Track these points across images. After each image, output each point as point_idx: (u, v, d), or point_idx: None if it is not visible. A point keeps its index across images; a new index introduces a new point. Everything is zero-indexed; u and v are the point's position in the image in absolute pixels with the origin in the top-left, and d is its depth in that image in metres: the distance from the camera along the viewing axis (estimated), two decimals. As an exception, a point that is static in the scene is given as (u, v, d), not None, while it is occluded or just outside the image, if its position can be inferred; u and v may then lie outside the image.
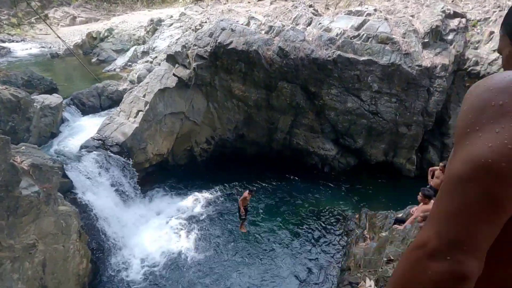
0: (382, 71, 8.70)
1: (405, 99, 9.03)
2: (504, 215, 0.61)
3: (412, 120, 9.27)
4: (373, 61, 8.60)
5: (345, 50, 8.76)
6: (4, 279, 4.16)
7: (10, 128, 6.65)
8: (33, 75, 9.94)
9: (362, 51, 8.71)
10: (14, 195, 4.35)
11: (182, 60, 9.43)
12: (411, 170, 10.16)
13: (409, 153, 9.96)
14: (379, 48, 8.64)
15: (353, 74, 8.79)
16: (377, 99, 9.13)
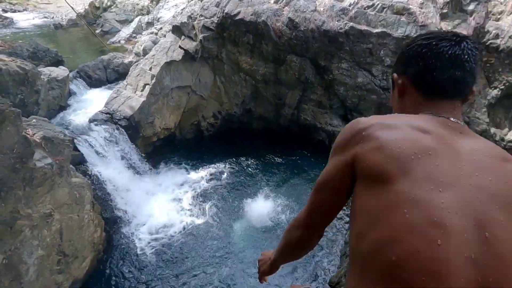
0: (396, 44, 8.33)
1: (418, 74, 8.73)
2: (330, 213, 0.98)
3: (424, 96, 9.03)
4: (387, 34, 8.21)
5: (358, 21, 8.35)
6: (25, 245, 4.39)
7: (19, 101, 6.68)
8: (38, 47, 9.79)
9: (376, 23, 8.30)
10: (28, 167, 4.47)
11: (188, 32, 9.15)
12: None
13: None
14: (394, 19, 8.22)
15: (365, 47, 8.45)
16: (388, 74, 8.84)
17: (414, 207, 0.67)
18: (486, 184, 0.70)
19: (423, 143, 0.75)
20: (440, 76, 0.85)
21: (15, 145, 4.33)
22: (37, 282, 4.73)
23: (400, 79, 0.96)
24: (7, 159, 4.19)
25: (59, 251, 5.20)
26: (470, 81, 0.87)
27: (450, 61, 0.84)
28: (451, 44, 0.85)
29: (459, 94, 0.87)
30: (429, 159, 0.72)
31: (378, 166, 0.75)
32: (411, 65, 0.92)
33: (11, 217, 4.18)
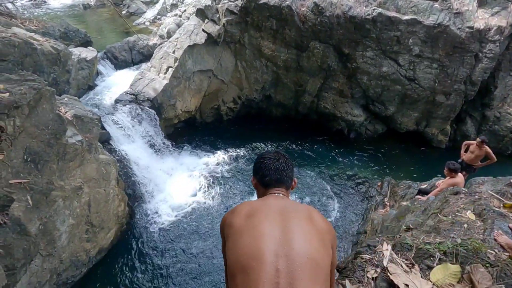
0: (426, 33, 7.96)
1: (448, 65, 8.33)
2: None
3: (452, 88, 8.64)
4: (417, 21, 7.84)
5: (387, 7, 8.01)
6: (58, 213, 4.81)
7: (52, 79, 7.06)
8: (69, 27, 10.16)
9: (406, 9, 7.93)
10: (62, 143, 4.81)
11: (212, 15, 9.15)
12: (443, 142, 9.76)
13: (444, 124, 9.47)
14: (426, 5, 7.80)
15: (392, 35, 8.13)
16: (416, 64, 8.50)
17: (245, 229, 1.29)
18: (289, 211, 1.36)
19: (250, 205, 1.42)
20: (270, 177, 1.56)
21: (50, 122, 4.66)
22: (68, 247, 5.20)
23: (254, 180, 1.64)
24: (43, 134, 4.53)
25: (87, 221, 5.64)
26: (286, 180, 1.57)
27: (274, 170, 1.56)
28: (274, 161, 1.58)
29: (281, 184, 1.56)
30: (253, 210, 1.38)
31: (227, 235, 1.39)
32: (256, 173, 1.62)
33: (46, 188, 4.57)
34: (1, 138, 3.73)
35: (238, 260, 1.21)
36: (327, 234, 1.34)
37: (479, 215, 2.56)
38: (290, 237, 1.22)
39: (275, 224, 1.27)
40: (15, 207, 3.80)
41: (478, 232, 2.28)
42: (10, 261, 3.40)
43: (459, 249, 1.71)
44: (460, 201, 3.09)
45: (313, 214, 1.38)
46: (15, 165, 4.02)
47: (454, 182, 4.41)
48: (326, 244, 1.29)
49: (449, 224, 2.58)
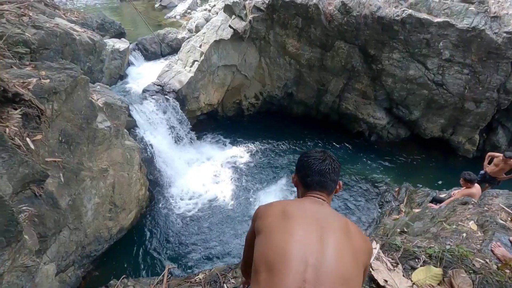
0: (459, 36, 7.62)
1: (480, 71, 7.94)
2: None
3: (483, 96, 8.23)
4: (450, 24, 7.53)
5: (418, 8, 7.75)
6: (86, 192, 5.27)
7: (87, 68, 7.59)
8: (105, 19, 10.78)
9: (438, 11, 7.63)
10: (92, 127, 5.25)
11: (239, 11, 9.33)
12: (470, 151, 9.34)
13: (472, 132, 9.05)
14: (461, 8, 7.46)
15: (422, 37, 7.87)
16: (445, 69, 8.18)
17: (278, 229, 1.26)
18: (327, 220, 1.30)
19: (287, 205, 1.37)
20: (312, 179, 1.47)
21: (83, 108, 5.10)
22: (93, 223, 5.68)
23: (295, 178, 1.57)
24: (76, 119, 4.97)
25: (111, 202, 6.11)
26: (330, 184, 1.47)
27: (317, 172, 1.46)
28: (318, 162, 1.47)
29: (323, 189, 1.47)
30: (289, 211, 1.32)
31: (258, 227, 1.38)
32: (298, 172, 1.55)
33: (77, 168, 5.02)
34: (41, 120, 4.16)
35: (265, 259, 1.18)
36: (362, 254, 1.27)
37: (481, 226, 2.56)
38: (323, 249, 1.16)
39: (309, 231, 1.22)
40: (49, 182, 4.24)
41: (476, 242, 2.31)
42: (42, 229, 3.84)
43: (445, 254, 1.78)
44: (467, 211, 3.07)
45: (350, 228, 1.31)
46: (51, 145, 4.47)
47: (470, 193, 4.30)
48: (359, 266, 1.21)
49: (450, 232, 2.61)
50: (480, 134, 9.16)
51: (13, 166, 3.32)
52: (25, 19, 5.87)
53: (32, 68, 4.63)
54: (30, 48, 5.28)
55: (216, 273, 2.17)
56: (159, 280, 2.28)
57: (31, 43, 5.31)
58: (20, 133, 3.83)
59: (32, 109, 4.02)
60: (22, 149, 3.68)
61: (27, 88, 4.12)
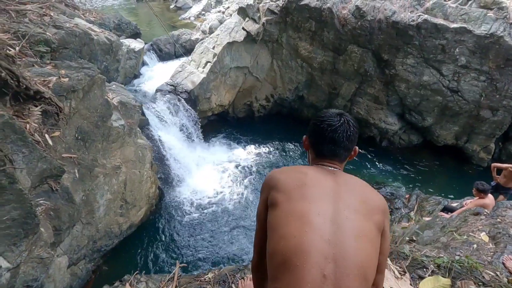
0: (476, 43, 7.47)
1: (497, 78, 7.75)
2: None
3: (500, 104, 8.03)
4: (467, 30, 7.39)
5: (434, 14, 7.64)
6: (99, 188, 5.41)
7: (104, 67, 7.81)
8: (122, 20, 11.06)
9: (455, 17, 7.50)
10: (107, 125, 5.39)
11: (252, 14, 9.40)
12: (485, 160, 9.11)
13: (487, 141, 8.84)
14: (479, 14, 7.32)
15: (437, 43, 7.75)
16: (461, 75, 8.02)
17: (293, 214, 1.16)
18: (341, 197, 1.20)
19: (301, 180, 1.25)
20: (322, 148, 1.36)
21: (99, 106, 5.25)
22: (104, 219, 5.82)
23: (306, 140, 1.46)
24: (92, 117, 5.12)
25: (122, 198, 6.25)
26: (342, 153, 1.35)
27: (329, 140, 1.33)
28: (332, 129, 1.31)
29: (335, 158, 1.36)
30: (304, 188, 1.22)
31: (274, 198, 1.26)
32: (310, 136, 1.42)
33: (91, 164, 5.17)
34: (59, 117, 4.32)
35: (281, 251, 1.10)
36: (381, 214, 1.22)
37: (493, 237, 2.52)
38: (341, 235, 1.09)
39: (327, 215, 1.13)
40: (65, 177, 4.39)
41: (487, 254, 2.28)
42: (57, 223, 3.97)
43: (454, 265, 1.77)
44: (479, 222, 3.02)
45: (367, 197, 1.25)
46: (68, 142, 4.62)
47: (483, 203, 4.22)
48: (375, 245, 1.16)
49: (460, 242, 2.58)
50: (496, 143, 8.93)
51: (33, 161, 3.46)
52: (46, 19, 6.08)
53: (52, 67, 4.80)
54: (51, 47, 5.46)
55: (225, 273, 2.21)
56: (170, 277, 2.34)
57: (52, 43, 5.50)
58: (40, 129, 3.98)
59: (52, 107, 4.17)
60: (41, 145, 3.82)
61: (47, 86, 4.28)
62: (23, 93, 3.78)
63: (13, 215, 2.85)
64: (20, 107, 3.84)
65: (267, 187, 1.33)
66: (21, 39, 4.81)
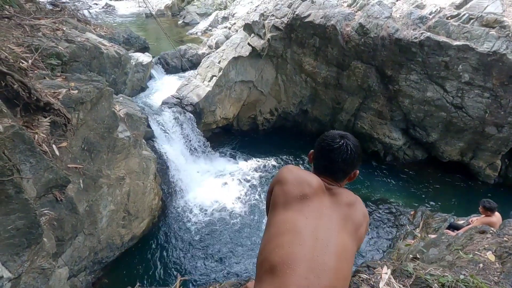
0: (479, 60, 7.54)
1: (502, 95, 7.76)
2: None
3: (505, 120, 8.00)
4: (470, 47, 7.47)
5: (437, 31, 7.76)
6: (103, 198, 5.44)
7: (112, 80, 7.99)
8: (131, 34, 11.40)
9: (457, 35, 7.61)
10: (113, 137, 5.48)
11: (258, 30, 9.64)
12: (491, 177, 8.99)
13: (494, 157, 8.75)
14: (481, 32, 7.42)
15: (440, 60, 7.83)
16: (464, 92, 8.05)
17: (289, 225, 1.27)
18: (333, 216, 1.31)
19: (304, 192, 1.34)
20: (320, 164, 1.46)
21: (106, 118, 5.35)
22: (107, 230, 5.82)
23: (312, 154, 1.52)
24: (99, 128, 5.21)
25: (125, 209, 6.26)
26: (337, 173, 1.42)
27: (325, 158, 1.42)
28: (329, 149, 1.39)
29: (330, 176, 1.43)
30: (304, 201, 1.32)
31: (276, 195, 1.41)
32: (315, 150, 1.50)
33: (96, 175, 5.22)
34: (67, 128, 4.40)
35: (274, 258, 1.20)
36: (364, 226, 1.35)
37: (500, 257, 2.47)
38: (327, 254, 1.19)
39: (319, 229, 1.25)
40: (69, 188, 4.42)
41: (493, 274, 2.23)
42: (60, 233, 3.98)
43: (459, 284, 1.74)
44: (485, 240, 2.97)
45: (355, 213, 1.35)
46: (74, 152, 4.69)
47: (489, 222, 4.15)
48: (353, 256, 1.29)
49: (466, 261, 2.53)
50: (502, 160, 8.83)
51: (39, 171, 3.51)
52: (59, 33, 6.31)
53: (62, 79, 4.94)
54: (62, 60, 5.64)
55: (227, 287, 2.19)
56: (170, 290, 2.31)
57: (63, 56, 5.68)
58: (48, 139, 4.06)
59: (60, 118, 4.26)
60: (48, 155, 3.89)
61: (57, 98, 4.39)
62: (34, 104, 3.88)
63: (17, 225, 2.87)
64: (29, 118, 3.93)
65: (275, 180, 1.47)
66: (34, 52, 4.99)
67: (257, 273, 1.28)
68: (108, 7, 18.88)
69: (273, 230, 1.30)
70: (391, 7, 8.47)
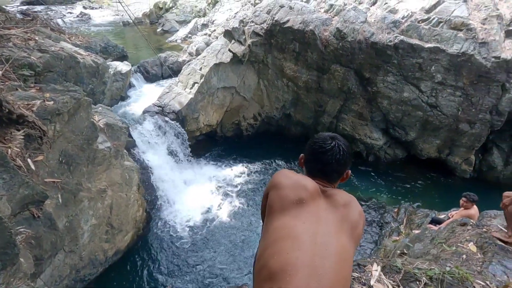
0: (450, 61, 7.94)
1: (472, 93, 8.19)
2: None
3: (477, 117, 8.44)
4: (441, 49, 7.86)
5: (410, 35, 8.12)
6: (83, 213, 5.21)
7: (90, 90, 7.75)
8: (109, 43, 11.14)
9: (429, 37, 7.99)
10: (93, 148, 5.29)
11: (238, 36, 9.70)
12: (467, 171, 9.42)
13: (468, 153, 9.18)
14: (450, 34, 7.82)
15: (414, 62, 8.18)
16: (438, 91, 8.43)
17: (287, 231, 1.24)
18: (330, 218, 1.29)
19: (300, 196, 1.32)
20: (313, 167, 1.45)
21: (85, 129, 5.16)
22: (89, 245, 5.57)
23: (302, 158, 1.52)
24: (77, 139, 5.02)
25: (108, 223, 6.02)
26: (331, 174, 1.42)
27: (318, 161, 1.42)
28: (321, 151, 1.40)
29: (324, 178, 1.43)
30: (301, 206, 1.30)
31: (271, 200, 1.37)
32: (305, 153, 1.50)
33: (75, 188, 5.00)
34: (43, 141, 4.21)
35: (273, 264, 1.17)
36: (361, 225, 1.34)
37: (481, 247, 2.57)
38: (326, 258, 1.18)
39: (317, 233, 1.23)
40: (47, 203, 4.21)
41: (476, 264, 2.31)
42: (39, 252, 3.77)
43: (445, 276, 1.79)
44: (466, 232, 3.08)
45: (351, 213, 1.33)
46: (51, 166, 4.48)
47: (469, 214, 4.32)
48: (352, 257, 1.28)
49: (450, 254, 2.62)
50: (476, 155, 9.28)
51: (14, 187, 3.33)
52: (31, 43, 6.07)
53: (36, 90, 4.74)
54: (35, 71, 5.42)
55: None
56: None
57: (36, 66, 5.46)
58: (22, 153, 3.86)
59: (35, 130, 4.07)
60: (23, 170, 3.69)
61: (31, 110, 4.20)
62: (6, 117, 3.69)
63: (-10, 245, 2.70)
64: (1, 132, 3.73)
65: (270, 185, 1.46)
66: (4, 63, 4.76)
67: (256, 281, 1.24)
68: (83, 15, 18.42)
69: (271, 236, 1.28)
70: (366, 12, 8.78)
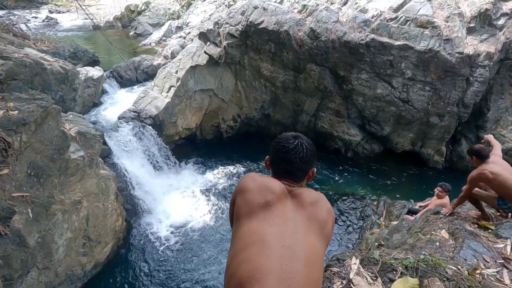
0: (418, 57, 8.30)
1: (440, 88, 8.61)
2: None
3: (445, 110, 8.87)
4: (409, 46, 8.20)
5: (380, 33, 8.41)
6: (57, 227, 4.96)
7: (59, 97, 7.41)
8: (78, 48, 10.71)
9: (398, 35, 8.31)
10: (64, 158, 5.05)
11: (213, 38, 9.63)
12: (439, 162, 9.87)
13: (439, 145, 9.63)
14: (417, 32, 8.19)
15: (385, 59, 8.48)
16: (409, 87, 8.79)
17: (254, 236, 1.22)
18: (297, 219, 1.28)
19: (266, 198, 1.31)
20: (278, 167, 1.45)
21: (54, 138, 4.92)
22: (65, 261, 5.30)
23: (268, 160, 1.52)
24: (47, 150, 4.77)
25: (84, 235, 5.77)
26: (296, 173, 1.42)
27: (283, 160, 1.42)
28: (285, 150, 1.40)
29: (290, 177, 1.43)
30: (267, 209, 1.29)
31: (238, 206, 1.35)
32: (270, 155, 1.50)
33: (47, 201, 4.75)
34: (8, 153, 3.96)
35: (241, 273, 1.15)
36: (330, 223, 1.33)
37: (452, 233, 2.69)
38: (295, 261, 1.16)
39: (284, 236, 1.22)
40: (16, 219, 3.97)
41: (448, 250, 2.42)
42: (8, 272, 3.54)
43: (420, 264, 1.85)
44: (439, 220, 3.22)
45: (319, 211, 1.33)
46: (19, 179, 4.23)
47: (441, 203, 4.53)
48: (322, 258, 1.27)
49: (425, 242, 2.72)
50: (446, 146, 9.76)
51: (-24, 204, 3.10)
52: (-9, 50, 5.71)
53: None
54: (-3, 79, 5.10)
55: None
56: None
57: (-2, 74, 5.14)
58: (-16, 168, 3.61)
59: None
60: (-14, 185, 3.46)
61: (-7, 121, 3.95)
62: (-36, 130, 3.44)
63: (-49, 269, 2.49)
64: (-40, 146, 3.48)
65: (237, 189, 1.43)
66: (-39, 72, 4.44)
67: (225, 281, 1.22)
68: (49, 20, 17.59)
69: (239, 243, 1.25)
70: (338, 12, 9.01)
